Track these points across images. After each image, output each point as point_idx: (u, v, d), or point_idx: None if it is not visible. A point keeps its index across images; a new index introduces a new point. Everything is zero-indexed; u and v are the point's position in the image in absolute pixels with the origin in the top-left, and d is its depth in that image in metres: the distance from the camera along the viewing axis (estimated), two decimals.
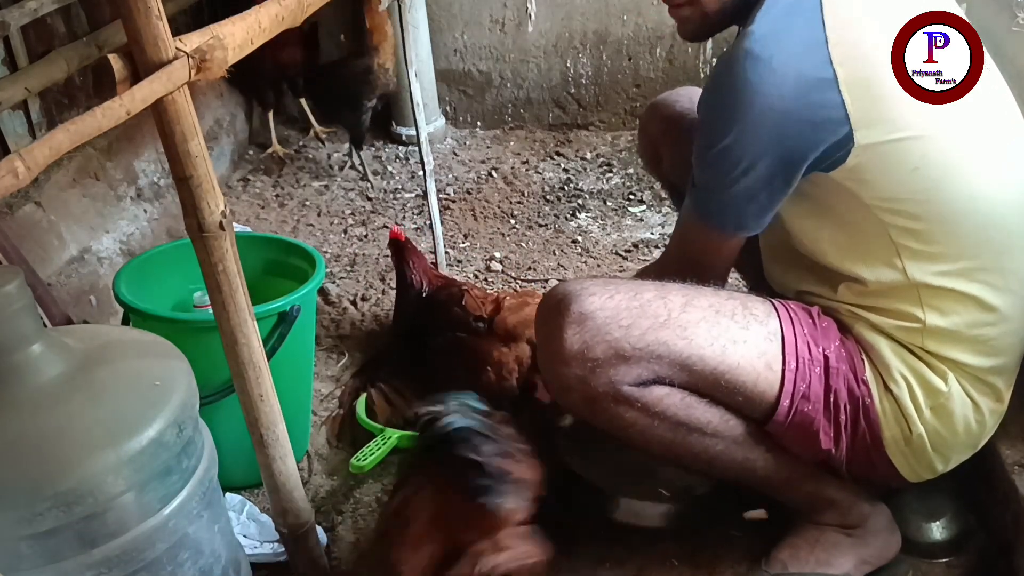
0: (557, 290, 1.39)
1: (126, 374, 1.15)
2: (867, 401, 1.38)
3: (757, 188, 1.34)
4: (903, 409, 1.38)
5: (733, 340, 1.35)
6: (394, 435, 1.89)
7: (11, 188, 0.86)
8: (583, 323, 1.32)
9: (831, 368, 1.38)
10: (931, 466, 1.44)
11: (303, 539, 1.40)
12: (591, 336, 1.32)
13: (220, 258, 1.17)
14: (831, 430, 1.39)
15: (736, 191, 1.35)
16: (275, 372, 1.30)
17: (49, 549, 1.04)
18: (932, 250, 1.33)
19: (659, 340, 1.33)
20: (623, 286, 1.38)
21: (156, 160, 2.68)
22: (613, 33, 3.36)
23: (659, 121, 1.85)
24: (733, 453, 1.41)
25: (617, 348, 1.32)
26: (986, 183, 1.34)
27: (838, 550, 1.50)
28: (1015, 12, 1.82)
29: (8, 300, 1.04)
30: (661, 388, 1.35)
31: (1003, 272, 1.36)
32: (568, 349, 1.33)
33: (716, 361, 1.34)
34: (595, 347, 1.32)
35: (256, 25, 1.17)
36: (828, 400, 1.38)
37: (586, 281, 1.40)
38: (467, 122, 3.56)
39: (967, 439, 1.42)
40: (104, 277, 2.24)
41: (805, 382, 1.36)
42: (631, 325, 1.32)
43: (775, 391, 1.36)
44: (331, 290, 2.48)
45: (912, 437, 1.39)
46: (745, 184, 1.34)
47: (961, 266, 1.34)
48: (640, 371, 1.33)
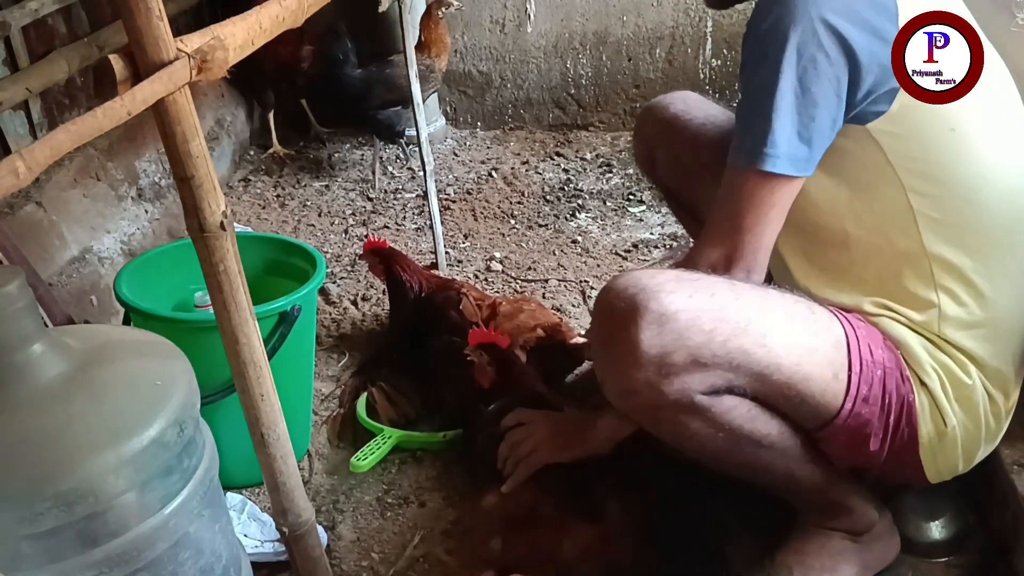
0: (626, 282, 1.28)
1: (127, 374, 1.15)
2: (910, 398, 1.35)
3: (802, 106, 1.24)
4: (937, 403, 1.35)
5: (808, 349, 1.30)
6: (394, 435, 1.89)
7: (12, 188, 0.86)
8: (663, 325, 1.23)
9: (887, 369, 1.34)
10: (954, 466, 1.41)
11: (304, 538, 1.40)
12: (672, 340, 1.23)
13: (221, 258, 1.17)
14: (881, 431, 1.35)
15: (778, 111, 1.24)
16: (276, 372, 1.30)
17: (50, 549, 1.04)
18: (950, 219, 1.32)
19: (740, 348, 1.25)
20: (699, 283, 1.29)
21: (157, 160, 2.68)
22: (613, 34, 3.36)
23: (654, 124, 1.84)
24: (779, 464, 1.38)
25: (697, 355, 1.24)
26: (1004, 159, 1.35)
27: (844, 557, 1.49)
28: (1015, 12, 1.82)
29: (9, 300, 1.04)
30: (732, 398, 1.30)
31: (1016, 254, 1.36)
32: (644, 352, 1.23)
33: (791, 371, 1.29)
34: (674, 353, 1.23)
35: (257, 25, 1.17)
36: (884, 401, 1.34)
37: (658, 275, 1.29)
38: (467, 122, 3.56)
39: (987, 434, 1.41)
40: (105, 277, 2.24)
41: (868, 385, 1.32)
42: (713, 330, 1.24)
43: (839, 400, 1.32)
44: (332, 290, 2.49)
45: (947, 431, 1.36)
46: (788, 102, 1.24)
47: (976, 240, 1.33)
48: (715, 379, 1.27)
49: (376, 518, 1.73)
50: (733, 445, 1.33)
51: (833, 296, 1.41)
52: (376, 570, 1.62)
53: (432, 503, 1.76)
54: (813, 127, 1.26)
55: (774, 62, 1.24)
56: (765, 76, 1.26)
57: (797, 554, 1.50)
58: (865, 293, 1.40)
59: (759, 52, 1.28)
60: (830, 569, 1.49)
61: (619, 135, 3.45)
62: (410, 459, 1.88)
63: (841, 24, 1.23)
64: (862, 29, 1.24)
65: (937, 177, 1.31)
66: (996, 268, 1.36)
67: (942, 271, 1.34)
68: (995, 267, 1.36)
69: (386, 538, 1.69)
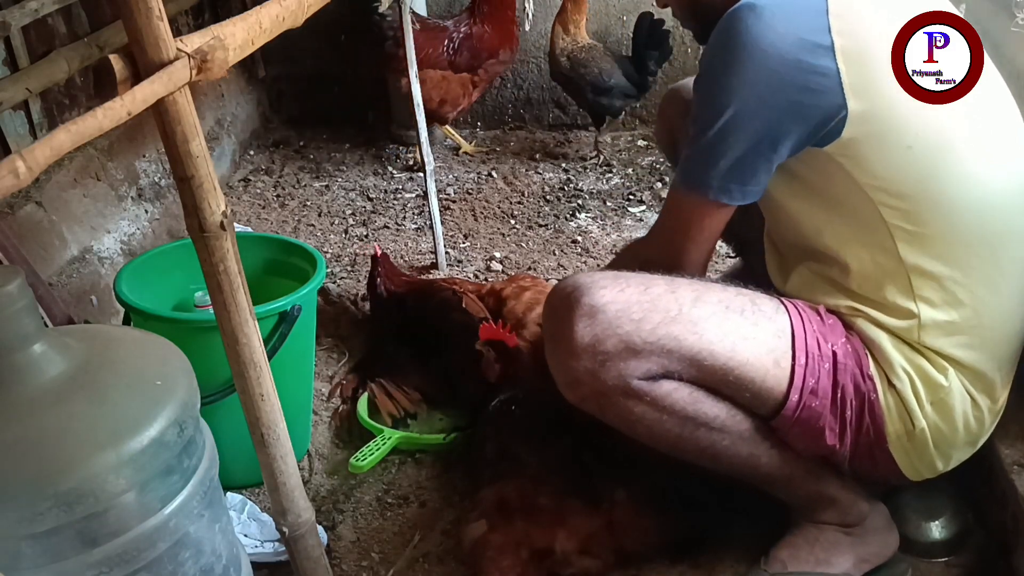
0: (567, 283, 1.38)
1: (127, 374, 1.15)
2: (872, 396, 1.38)
3: (743, 149, 1.33)
4: (906, 404, 1.38)
5: (743, 336, 1.35)
6: (394, 436, 1.89)
7: (12, 188, 0.86)
8: (594, 316, 1.32)
9: (839, 364, 1.38)
10: (932, 464, 1.44)
11: (304, 538, 1.39)
12: (602, 329, 1.31)
13: (221, 258, 1.17)
14: (837, 426, 1.39)
15: (721, 149, 1.34)
16: (276, 372, 1.30)
17: (50, 548, 1.04)
18: (925, 232, 1.34)
19: (670, 334, 1.32)
20: (633, 279, 1.37)
21: (157, 160, 2.68)
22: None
23: (678, 105, 1.85)
24: (738, 449, 1.41)
25: (628, 342, 1.31)
26: (981, 169, 1.35)
27: (837, 549, 1.50)
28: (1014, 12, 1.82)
29: (9, 300, 1.04)
30: (670, 382, 1.35)
31: (997, 260, 1.37)
32: (579, 342, 1.32)
33: (726, 357, 1.34)
34: (606, 340, 1.31)
35: (257, 25, 1.17)
36: (835, 396, 1.38)
37: (595, 274, 1.39)
38: (467, 122, 3.56)
39: (967, 436, 1.43)
40: (105, 277, 2.24)
41: (814, 377, 1.36)
42: (642, 319, 1.32)
43: (783, 387, 1.36)
44: (332, 290, 2.49)
45: (915, 432, 1.39)
46: (731, 142, 1.33)
47: (954, 251, 1.35)
48: (650, 365, 1.33)
49: (376, 518, 1.73)
50: (682, 429, 1.38)
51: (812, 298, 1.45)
52: (376, 570, 1.62)
53: (432, 503, 1.76)
54: (752, 177, 1.36)
55: (720, 105, 1.32)
56: (711, 115, 1.34)
57: (790, 548, 1.52)
58: (846, 298, 1.42)
59: (707, 93, 1.36)
60: (824, 562, 1.49)
61: (619, 135, 3.45)
62: (410, 459, 1.88)
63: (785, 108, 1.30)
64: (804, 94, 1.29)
65: (905, 193, 1.33)
66: (976, 277, 1.37)
67: (921, 281, 1.36)
68: (975, 276, 1.36)
69: (386, 538, 1.69)
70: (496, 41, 3.10)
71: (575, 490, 1.55)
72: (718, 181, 1.37)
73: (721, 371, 1.35)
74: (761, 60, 1.28)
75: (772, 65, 1.28)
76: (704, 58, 1.38)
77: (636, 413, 1.36)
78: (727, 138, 1.33)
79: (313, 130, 3.54)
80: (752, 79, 1.30)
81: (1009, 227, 1.38)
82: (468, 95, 3.14)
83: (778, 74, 1.29)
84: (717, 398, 1.38)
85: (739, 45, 1.29)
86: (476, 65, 3.10)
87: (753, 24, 1.28)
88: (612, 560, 1.53)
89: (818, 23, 1.28)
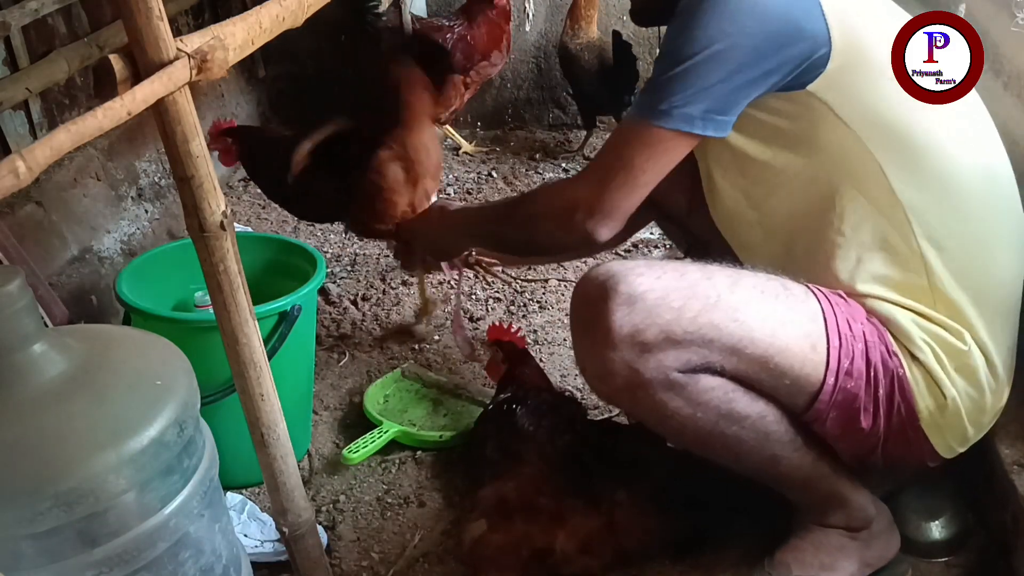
0: (599, 271, 1.33)
1: (127, 374, 1.15)
2: (900, 372, 1.35)
3: (721, 77, 1.29)
4: (933, 375, 1.36)
5: (782, 321, 1.32)
6: (392, 429, 1.88)
7: (12, 188, 0.87)
8: (633, 304, 1.27)
9: (868, 343, 1.35)
10: (964, 435, 1.41)
11: (304, 538, 1.40)
12: (642, 318, 1.26)
13: (221, 258, 1.17)
14: (871, 407, 1.36)
15: (692, 79, 1.30)
16: (276, 371, 1.30)
17: (50, 548, 1.04)
18: (916, 166, 1.34)
19: (711, 323, 1.28)
20: (668, 266, 1.34)
21: (157, 160, 2.68)
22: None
23: None
24: (763, 448, 1.38)
25: (668, 331, 1.27)
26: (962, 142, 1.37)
27: (843, 554, 1.49)
28: (1014, 12, 1.82)
29: (9, 300, 1.04)
30: (709, 378, 1.31)
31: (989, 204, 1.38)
32: (617, 332, 1.27)
33: (766, 344, 1.30)
34: (646, 330, 1.26)
35: (257, 25, 1.17)
36: (869, 376, 1.35)
37: (628, 262, 1.34)
38: (467, 122, 3.56)
39: (992, 399, 1.41)
40: (105, 277, 2.24)
41: (848, 359, 1.33)
42: (683, 307, 1.28)
43: (820, 372, 1.33)
44: (332, 290, 2.49)
45: (947, 403, 1.36)
46: (707, 72, 1.29)
47: (947, 188, 1.35)
48: (690, 356, 1.29)
49: (376, 518, 1.73)
50: (713, 426, 1.34)
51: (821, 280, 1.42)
52: (376, 570, 1.62)
53: (432, 503, 1.76)
54: (720, 109, 1.31)
55: (701, 40, 1.29)
56: (681, 44, 1.31)
57: (795, 551, 1.50)
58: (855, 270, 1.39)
59: (685, 32, 1.33)
60: (829, 567, 1.48)
61: None
62: (410, 459, 1.88)
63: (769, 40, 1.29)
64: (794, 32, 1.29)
65: (892, 124, 1.33)
66: (971, 215, 1.37)
67: (918, 220, 1.35)
68: (970, 215, 1.37)
69: (386, 538, 1.69)
70: (489, 43, 3.10)
71: (575, 490, 1.55)
72: (684, 108, 1.30)
73: (762, 359, 1.31)
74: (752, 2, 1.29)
75: (762, 7, 1.29)
76: (681, 8, 1.35)
77: (671, 408, 1.32)
78: (702, 68, 1.29)
79: None
80: (735, 13, 1.28)
81: (994, 171, 1.39)
82: (460, 96, 3.13)
83: (767, 16, 1.28)
84: (753, 396, 1.35)
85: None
86: (468, 67, 3.10)
87: None
88: (612, 560, 1.53)
89: None
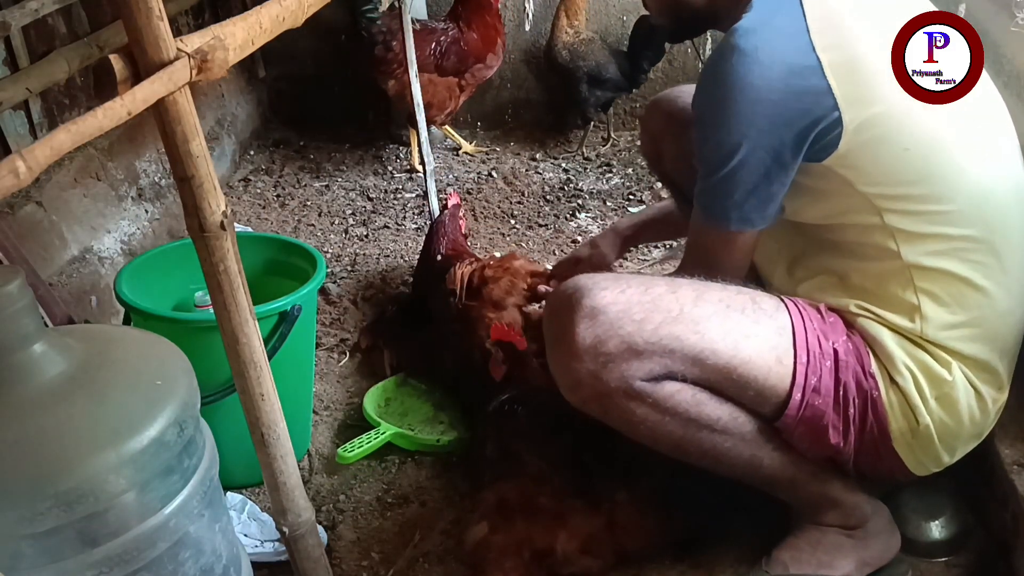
0: (567, 285, 1.38)
1: (127, 374, 1.15)
2: (875, 394, 1.38)
3: (755, 180, 1.35)
4: (909, 401, 1.38)
5: (745, 334, 1.35)
6: (388, 431, 1.88)
7: (12, 188, 0.86)
8: (595, 317, 1.32)
9: (840, 362, 1.38)
10: (937, 458, 1.44)
11: (304, 538, 1.40)
12: (604, 330, 1.31)
13: (221, 258, 1.17)
14: (840, 424, 1.39)
15: (734, 184, 1.36)
16: (276, 371, 1.30)
17: (50, 548, 1.04)
18: (926, 231, 1.35)
19: (672, 334, 1.33)
20: (634, 280, 1.38)
21: (157, 160, 2.68)
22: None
23: (660, 118, 1.86)
24: (741, 451, 1.41)
25: (630, 342, 1.31)
26: (977, 162, 1.37)
27: (840, 552, 1.50)
28: (1014, 12, 1.82)
29: (9, 300, 1.04)
30: (672, 384, 1.35)
31: (996, 253, 1.38)
32: (580, 344, 1.32)
33: (728, 355, 1.34)
34: (607, 341, 1.31)
35: (257, 25, 1.17)
36: (838, 394, 1.38)
37: (596, 276, 1.39)
38: (467, 122, 3.56)
39: (972, 428, 1.43)
40: (105, 277, 2.24)
41: (816, 375, 1.37)
42: (644, 319, 1.32)
43: (786, 385, 1.36)
44: (332, 290, 2.49)
45: (919, 429, 1.39)
46: (742, 177, 1.35)
47: (954, 246, 1.36)
48: (652, 366, 1.33)
49: (376, 518, 1.73)
50: (685, 431, 1.38)
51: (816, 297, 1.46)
52: (376, 570, 1.62)
53: (432, 503, 1.76)
54: (769, 202, 1.38)
55: (726, 146, 1.34)
56: (719, 157, 1.36)
57: (792, 550, 1.51)
58: (849, 296, 1.43)
59: (710, 136, 1.37)
60: (826, 565, 1.49)
61: (619, 135, 3.45)
62: (410, 459, 1.88)
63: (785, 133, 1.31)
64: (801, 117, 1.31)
65: (905, 194, 1.35)
66: (977, 271, 1.37)
67: (922, 278, 1.37)
68: (978, 269, 1.37)
69: (386, 538, 1.69)
70: (483, 46, 3.10)
71: (576, 490, 1.55)
72: (737, 212, 1.39)
73: (724, 370, 1.35)
74: (754, 96, 1.30)
75: (765, 96, 1.30)
76: (699, 102, 1.40)
77: (639, 415, 1.36)
78: (738, 173, 1.35)
79: (313, 130, 3.54)
80: (749, 115, 1.31)
81: (1004, 221, 1.39)
82: (455, 99, 3.13)
83: (773, 103, 1.30)
84: (720, 400, 1.38)
85: (730, 87, 1.31)
86: (463, 69, 3.10)
87: (738, 63, 1.30)
88: (613, 560, 1.53)
89: (801, 44, 1.30)
